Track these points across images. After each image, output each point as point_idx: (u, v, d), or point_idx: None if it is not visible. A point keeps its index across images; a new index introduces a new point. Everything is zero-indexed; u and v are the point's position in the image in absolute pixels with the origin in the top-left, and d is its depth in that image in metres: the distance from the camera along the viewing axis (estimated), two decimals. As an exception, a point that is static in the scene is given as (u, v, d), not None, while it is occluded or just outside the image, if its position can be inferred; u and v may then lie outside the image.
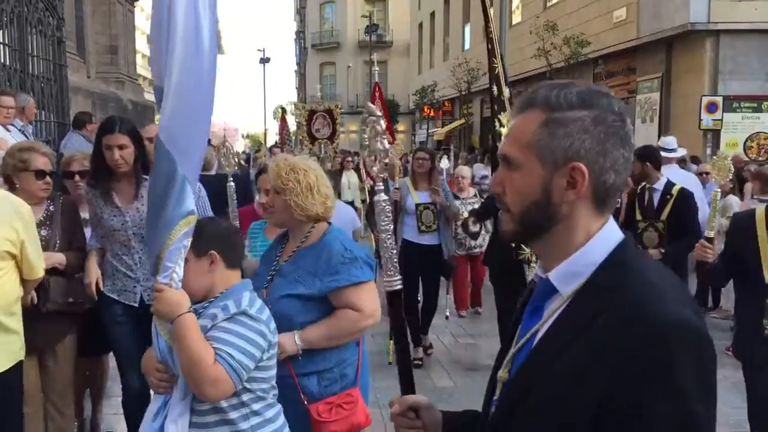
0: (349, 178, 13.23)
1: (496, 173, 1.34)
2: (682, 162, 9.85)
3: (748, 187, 8.46)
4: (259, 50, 57.54)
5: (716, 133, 13.80)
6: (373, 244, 8.19)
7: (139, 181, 3.71)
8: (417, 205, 6.47)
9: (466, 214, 7.71)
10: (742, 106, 13.85)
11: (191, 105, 2.22)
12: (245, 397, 2.35)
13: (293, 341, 2.74)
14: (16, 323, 3.14)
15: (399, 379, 1.61)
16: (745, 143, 13.68)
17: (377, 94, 8.76)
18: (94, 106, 15.50)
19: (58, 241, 3.81)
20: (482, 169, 14.76)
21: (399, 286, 1.59)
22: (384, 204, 1.60)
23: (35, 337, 3.38)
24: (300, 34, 61.92)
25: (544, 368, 1.20)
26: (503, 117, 5.01)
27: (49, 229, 3.79)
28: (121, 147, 3.61)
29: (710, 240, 3.93)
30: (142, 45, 31.96)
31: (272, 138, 59.36)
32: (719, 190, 4.14)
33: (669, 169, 7.48)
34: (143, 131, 3.87)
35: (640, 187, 5.72)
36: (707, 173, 8.82)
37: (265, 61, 55.04)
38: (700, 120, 13.66)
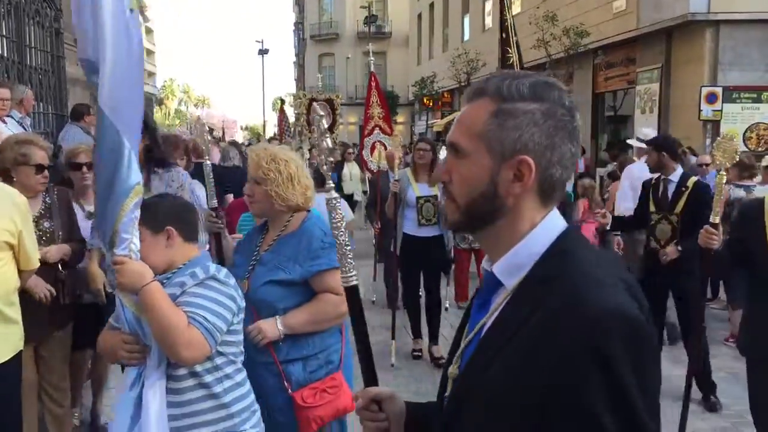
0: (351, 169, 13.22)
1: (444, 161, 1.32)
2: (682, 154, 9.86)
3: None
4: (257, 42, 57.42)
5: (716, 124, 13.77)
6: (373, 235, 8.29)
7: (150, 172, 3.67)
8: (418, 198, 6.27)
9: None
10: (742, 97, 13.81)
11: (127, 76, 2.20)
12: (219, 361, 2.40)
13: (275, 326, 2.77)
14: (16, 313, 3.16)
15: (361, 371, 1.58)
16: (744, 134, 13.66)
17: (373, 84, 8.74)
18: (93, 98, 15.44)
19: (61, 233, 3.83)
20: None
21: (355, 282, 1.58)
22: (334, 202, 1.60)
23: (33, 328, 3.39)
24: (299, 26, 61.70)
25: (488, 364, 1.18)
26: None
27: (51, 220, 3.83)
28: None
29: (715, 226, 3.85)
30: (140, 36, 31.90)
31: (271, 130, 59.28)
32: (723, 173, 4.00)
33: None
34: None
35: (654, 178, 5.63)
36: (707, 165, 8.81)
37: (263, 52, 54.89)
38: (700, 111, 13.62)
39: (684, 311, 5.36)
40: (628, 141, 9.50)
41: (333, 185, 1.67)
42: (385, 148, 8.21)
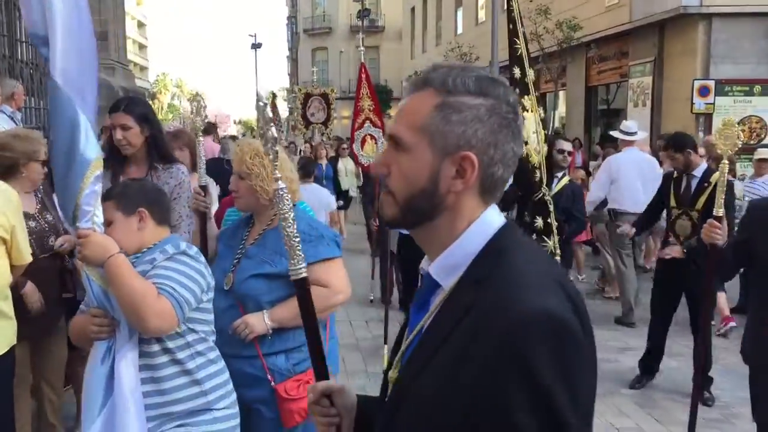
0: (345, 164, 13.02)
1: (382, 153, 1.27)
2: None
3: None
4: (250, 35, 57.24)
5: (708, 117, 13.81)
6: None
7: (150, 166, 3.64)
8: None
9: None
10: (734, 90, 13.85)
11: (80, 47, 2.18)
12: (190, 338, 2.43)
13: (263, 320, 2.74)
14: (9, 308, 3.16)
15: (312, 366, 1.57)
16: (736, 127, 13.71)
17: (363, 76, 8.51)
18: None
19: (61, 225, 3.88)
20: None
21: (304, 275, 1.56)
22: (281, 192, 1.59)
23: (32, 320, 3.45)
24: (292, 19, 61.52)
25: (422, 367, 1.15)
26: (527, 101, 4.73)
27: (50, 213, 3.88)
28: (123, 127, 3.46)
29: (719, 219, 3.66)
30: (132, 31, 31.69)
31: (265, 124, 58.98)
32: (726, 162, 3.71)
33: (628, 151, 7.82)
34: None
35: (676, 172, 5.52)
36: (701, 156, 8.82)
37: (256, 46, 54.71)
38: (692, 104, 13.67)
39: (693, 309, 5.37)
40: (611, 133, 9.54)
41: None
42: (376, 142, 8.13)
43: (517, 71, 4.80)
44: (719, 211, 3.67)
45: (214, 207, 4.15)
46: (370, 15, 43.83)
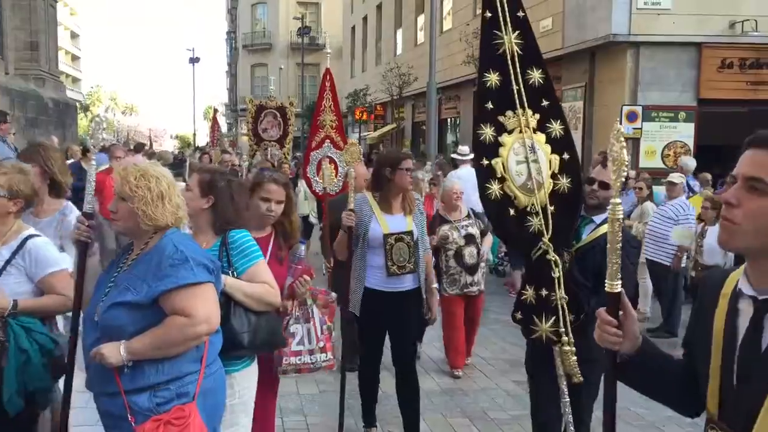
0: (304, 187, 10.75)
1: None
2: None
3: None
4: (188, 50, 56.49)
5: (636, 141, 14.31)
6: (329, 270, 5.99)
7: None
8: (386, 236, 4.50)
9: (460, 242, 6.24)
10: (660, 116, 14.41)
11: None
12: None
13: (118, 351, 2.53)
14: None
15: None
16: (662, 151, 14.25)
17: (328, 85, 7.29)
18: (13, 104, 14.89)
19: None
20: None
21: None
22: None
23: None
24: (231, 35, 61.07)
25: None
26: (508, 119, 3.54)
27: None
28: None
29: (615, 299, 1.92)
30: (64, 41, 30.85)
31: (202, 139, 58.24)
32: (618, 201, 1.88)
33: (463, 168, 9.44)
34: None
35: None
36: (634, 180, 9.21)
37: (194, 60, 54.06)
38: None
39: None
40: (452, 155, 10.85)
41: None
42: (335, 166, 6.84)
43: (492, 77, 3.54)
44: (615, 285, 1.87)
45: None
46: (310, 32, 43.89)
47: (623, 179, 1.81)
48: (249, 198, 3.57)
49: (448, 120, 25.94)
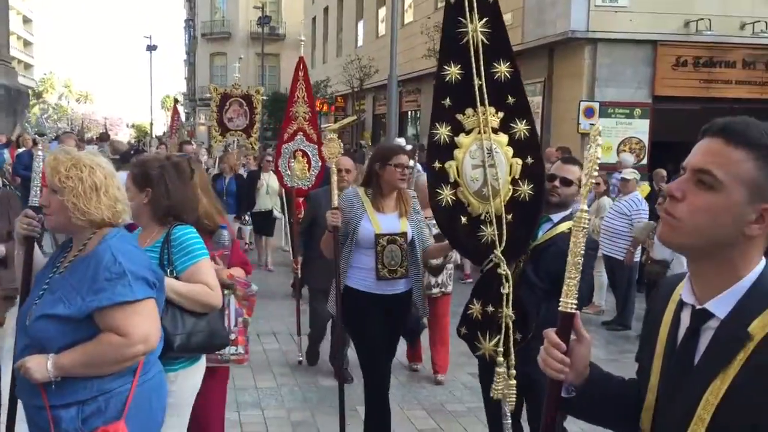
0: (268, 181, 10.86)
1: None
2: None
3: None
4: (145, 37, 55.44)
5: (593, 137, 14.53)
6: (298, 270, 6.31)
7: None
8: (378, 237, 4.12)
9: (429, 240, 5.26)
10: (617, 112, 14.65)
11: None
12: None
13: (45, 366, 2.35)
14: None
15: None
16: (618, 147, 14.50)
17: (301, 75, 7.08)
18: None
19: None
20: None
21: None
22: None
23: None
24: (190, 23, 60.06)
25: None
26: (466, 118, 3.35)
27: None
28: None
29: (568, 320, 1.85)
30: (16, 26, 30.02)
31: (159, 128, 57.32)
32: (585, 209, 1.80)
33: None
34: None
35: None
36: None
37: (151, 48, 53.10)
38: (578, 124, 14.34)
39: None
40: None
41: None
42: (308, 160, 6.63)
43: (452, 70, 3.30)
44: (569, 304, 1.64)
45: None
46: (270, 22, 43.44)
47: (593, 181, 1.72)
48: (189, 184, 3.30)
49: (409, 113, 25.98)
